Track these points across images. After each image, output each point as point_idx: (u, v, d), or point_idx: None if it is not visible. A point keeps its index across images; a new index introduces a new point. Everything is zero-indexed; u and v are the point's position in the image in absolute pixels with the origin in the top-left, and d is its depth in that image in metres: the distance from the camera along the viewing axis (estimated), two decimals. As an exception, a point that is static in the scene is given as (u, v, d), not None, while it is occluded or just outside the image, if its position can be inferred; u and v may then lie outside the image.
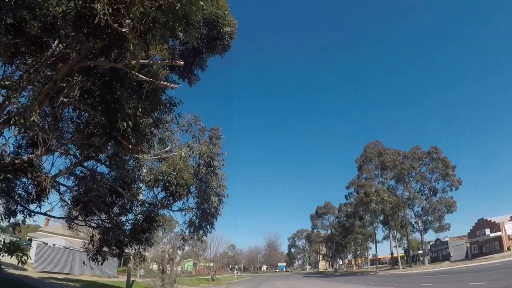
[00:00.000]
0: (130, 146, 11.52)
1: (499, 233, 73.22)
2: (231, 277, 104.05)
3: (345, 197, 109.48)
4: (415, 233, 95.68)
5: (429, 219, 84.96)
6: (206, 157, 18.45)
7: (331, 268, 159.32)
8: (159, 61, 10.09)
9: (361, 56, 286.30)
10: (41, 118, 12.30)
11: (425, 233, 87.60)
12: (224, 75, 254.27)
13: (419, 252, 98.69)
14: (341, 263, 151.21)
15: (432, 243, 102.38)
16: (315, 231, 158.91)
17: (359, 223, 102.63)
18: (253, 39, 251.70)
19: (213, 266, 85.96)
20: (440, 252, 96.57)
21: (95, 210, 18.46)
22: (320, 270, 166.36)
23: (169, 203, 18.98)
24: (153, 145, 15.25)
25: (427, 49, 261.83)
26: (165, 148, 16.17)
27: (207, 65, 17.03)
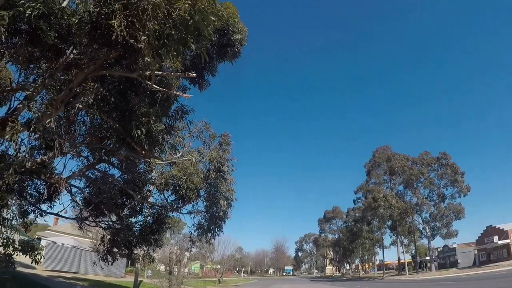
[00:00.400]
0: (143, 152, 11.87)
1: (507, 241, 72.56)
2: (237, 279, 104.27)
3: (353, 201, 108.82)
4: (423, 239, 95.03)
5: (437, 225, 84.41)
6: (216, 163, 18.79)
7: (338, 272, 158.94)
8: (172, 72, 10.37)
9: (368, 58, 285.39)
10: (56, 122, 12.58)
11: (433, 239, 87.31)
12: (231, 77, 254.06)
13: (426, 258, 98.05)
14: (348, 267, 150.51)
15: (440, 249, 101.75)
16: (323, 235, 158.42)
17: (367, 228, 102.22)
18: (258, 40, 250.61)
19: (220, 268, 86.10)
20: (447, 258, 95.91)
21: (105, 211, 18.76)
22: (327, 274, 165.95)
23: (178, 206, 19.35)
24: (164, 151, 15.50)
25: (435, 53, 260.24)
26: (177, 153, 16.43)
27: (218, 70, 17.04)
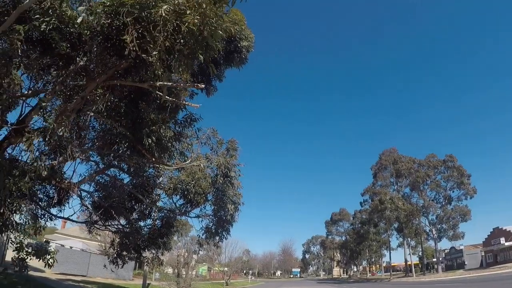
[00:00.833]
0: (153, 159, 12.17)
1: (514, 242, 72.62)
2: (245, 282, 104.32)
3: (360, 204, 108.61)
4: (430, 241, 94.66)
5: (443, 227, 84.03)
6: (223, 168, 19.09)
7: (345, 274, 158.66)
8: (181, 83, 10.63)
9: (375, 60, 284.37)
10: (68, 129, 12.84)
11: (439, 241, 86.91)
12: (236, 79, 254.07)
13: (433, 260, 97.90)
14: (355, 269, 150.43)
15: (447, 251, 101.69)
16: (330, 237, 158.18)
17: (373, 230, 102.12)
18: (259, 41, 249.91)
19: (228, 270, 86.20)
20: (455, 260, 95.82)
21: (115, 215, 19.08)
22: (334, 276, 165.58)
23: (187, 210, 19.67)
24: (173, 157, 15.77)
25: (443, 54, 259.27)
26: (185, 160, 16.70)
27: (225, 76, 17.15)
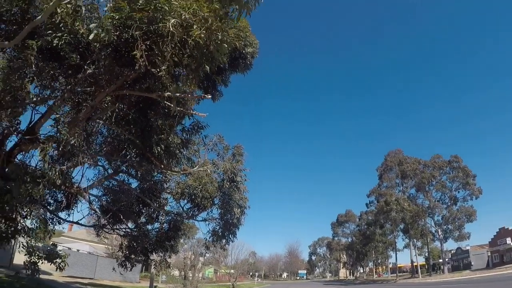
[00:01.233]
0: (162, 165, 12.48)
1: (520, 242, 72.52)
2: (251, 284, 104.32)
3: (366, 205, 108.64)
4: (436, 241, 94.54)
5: (449, 228, 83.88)
6: (229, 173, 19.44)
7: (352, 276, 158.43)
8: (189, 94, 10.88)
9: (379, 60, 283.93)
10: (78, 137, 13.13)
11: (445, 242, 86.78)
12: (236, 79, 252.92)
13: (439, 261, 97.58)
14: (361, 271, 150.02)
15: (453, 252, 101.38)
16: (336, 239, 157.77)
17: (379, 232, 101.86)
18: (261, 40, 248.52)
19: (234, 273, 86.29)
20: (461, 261, 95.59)
21: (123, 218, 19.41)
22: (340, 278, 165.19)
23: (194, 213, 20.01)
24: (181, 163, 16.05)
25: (445, 53, 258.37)
26: (193, 165, 17.01)
27: (230, 81, 17.19)
